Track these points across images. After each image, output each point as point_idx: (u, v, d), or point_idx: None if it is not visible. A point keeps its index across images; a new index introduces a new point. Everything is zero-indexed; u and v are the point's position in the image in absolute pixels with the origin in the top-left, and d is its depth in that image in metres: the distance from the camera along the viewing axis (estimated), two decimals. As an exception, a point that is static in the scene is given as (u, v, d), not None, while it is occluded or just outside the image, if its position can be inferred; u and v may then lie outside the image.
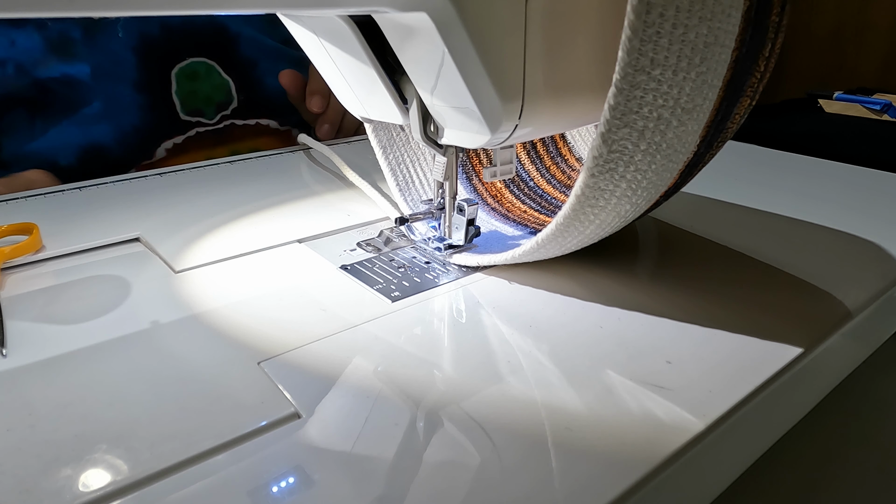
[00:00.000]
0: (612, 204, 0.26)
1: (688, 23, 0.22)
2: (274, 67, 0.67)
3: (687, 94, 0.24)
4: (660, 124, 0.24)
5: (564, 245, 0.30)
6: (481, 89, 0.26)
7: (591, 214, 0.27)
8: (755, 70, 0.26)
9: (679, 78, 0.23)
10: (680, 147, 0.26)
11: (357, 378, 0.25)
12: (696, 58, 0.23)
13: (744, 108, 0.28)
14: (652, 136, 0.24)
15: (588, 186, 0.25)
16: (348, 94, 0.34)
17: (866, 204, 0.45)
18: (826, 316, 0.29)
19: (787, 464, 0.32)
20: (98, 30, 0.58)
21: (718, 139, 0.28)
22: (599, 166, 0.25)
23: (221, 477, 0.20)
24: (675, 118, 0.24)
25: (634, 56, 0.22)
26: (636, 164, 0.25)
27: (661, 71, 0.22)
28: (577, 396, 0.23)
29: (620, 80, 0.22)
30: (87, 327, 0.28)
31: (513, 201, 0.42)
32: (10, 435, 0.22)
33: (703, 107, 0.25)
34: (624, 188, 0.26)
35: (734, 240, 0.38)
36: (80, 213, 0.42)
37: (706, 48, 0.23)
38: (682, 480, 0.21)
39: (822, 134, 0.75)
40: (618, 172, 0.25)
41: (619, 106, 0.23)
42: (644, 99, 0.23)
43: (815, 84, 1.01)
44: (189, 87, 0.63)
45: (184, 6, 0.22)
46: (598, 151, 0.24)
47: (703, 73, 0.23)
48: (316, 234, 0.39)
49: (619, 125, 0.24)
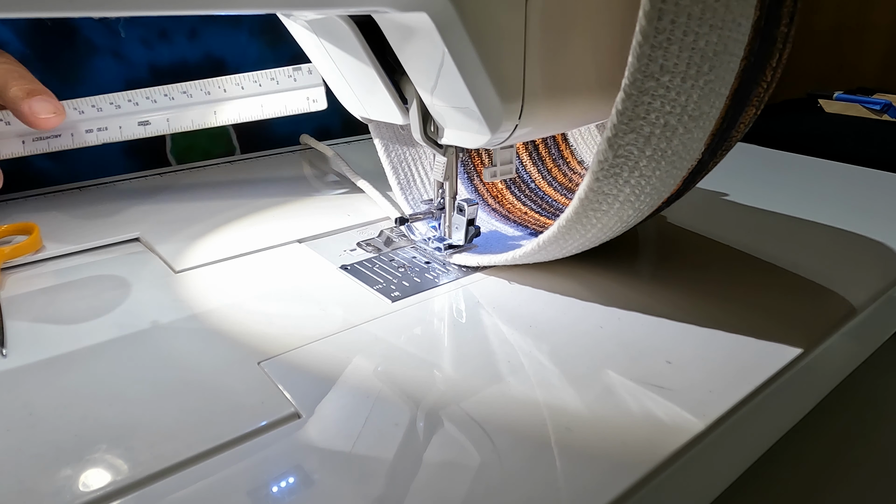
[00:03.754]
0: (615, 208, 0.26)
1: (698, 30, 0.22)
2: None
3: (694, 101, 0.24)
4: (666, 131, 0.24)
5: (566, 247, 0.30)
6: (481, 89, 0.26)
7: (593, 218, 0.27)
8: (762, 80, 0.26)
9: (688, 85, 0.23)
10: (685, 154, 0.26)
11: (357, 378, 0.25)
12: (706, 66, 0.23)
13: (749, 118, 0.28)
14: (658, 142, 0.24)
15: (592, 190, 0.25)
16: (348, 94, 0.34)
17: (866, 204, 0.45)
18: (826, 316, 0.29)
19: (787, 464, 0.32)
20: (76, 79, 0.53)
21: (722, 147, 0.28)
22: (604, 170, 0.25)
23: (221, 477, 0.20)
24: (681, 125, 0.24)
25: (644, 62, 0.22)
26: (640, 169, 0.25)
27: (669, 78, 0.22)
28: (577, 396, 0.23)
29: (630, 86, 0.22)
30: (87, 327, 0.28)
31: (513, 202, 0.42)
32: (10, 435, 0.22)
33: (710, 115, 0.25)
34: (627, 193, 0.26)
35: (735, 239, 0.38)
36: (80, 213, 0.42)
37: (715, 56, 0.23)
38: (682, 480, 0.21)
39: (822, 134, 0.75)
40: (622, 177, 0.25)
41: (626, 111, 0.23)
42: (652, 105, 0.23)
43: (815, 84, 1.01)
44: (184, 143, 0.58)
45: (184, 6, 0.22)
46: (603, 156, 0.24)
47: (711, 80, 0.23)
48: (316, 234, 0.39)
49: (626, 130, 0.24)
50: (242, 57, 0.63)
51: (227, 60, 0.62)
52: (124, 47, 0.56)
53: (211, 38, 0.60)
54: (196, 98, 0.40)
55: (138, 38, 0.56)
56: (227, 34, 0.61)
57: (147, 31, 0.57)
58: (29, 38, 0.51)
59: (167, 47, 0.58)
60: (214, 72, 0.61)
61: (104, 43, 0.55)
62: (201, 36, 0.60)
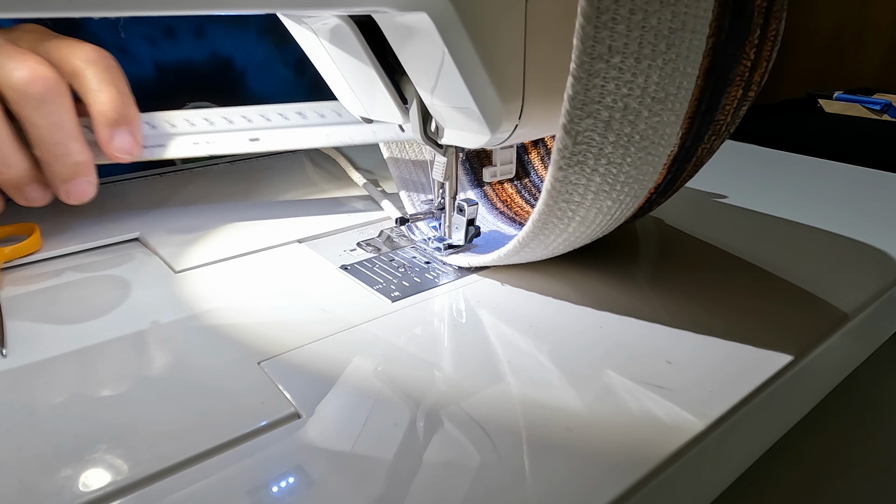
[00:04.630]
0: (590, 199, 0.26)
1: (647, 8, 0.21)
2: (290, 101, 0.61)
3: (655, 82, 0.23)
4: (627, 114, 0.23)
5: (551, 244, 0.29)
6: (481, 89, 0.26)
7: (568, 210, 0.26)
8: (742, 58, 0.25)
9: (643, 66, 0.22)
10: (657, 139, 0.25)
11: (357, 378, 0.25)
12: (661, 44, 0.22)
13: (736, 100, 0.27)
14: (620, 126, 0.23)
15: (558, 180, 0.25)
16: (348, 94, 0.34)
17: (866, 204, 0.45)
18: (826, 316, 0.29)
19: (787, 464, 0.32)
20: None
21: (709, 132, 0.27)
22: (566, 159, 0.24)
23: (221, 477, 0.20)
24: (644, 108, 0.23)
25: (589, 43, 0.21)
26: (607, 156, 0.24)
27: (620, 59, 0.22)
28: (577, 396, 0.23)
29: (577, 69, 0.22)
30: (87, 327, 0.28)
31: (522, 205, 0.41)
32: (10, 435, 0.22)
33: (679, 96, 0.24)
34: (599, 182, 0.25)
35: (735, 239, 0.38)
36: (80, 213, 0.42)
37: (672, 34, 0.22)
38: (682, 480, 0.21)
39: (822, 134, 0.75)
40: (588, 165, 0.24)
41: (578, 95, 0.22)
42: (606, 88, 0.22)
43: (815, 84, 1.01)
44: None
45: (184, 6, 0.22)
46: (562, 143, 0.23)
47: (671, 60, 0.22)
48: (316, 234, 0.39)
49: (581, 115, 0.23)
50: (249, 57, 0.62)
51: (234, 60, 0.61)
52: (129, 44, 0.56)
53: (217, 37, 0.60)
54: (310, 119, 0.39)
55: (143, 36, 0.56)
56: (234, 33, 0.61)
57: (152, 28, 0.57)
58: None
59: (173, 46, 0.58)
60: (220, 71, 0.61)
61: (109, 39, 0.55)
62: (208, 35, 0.60)
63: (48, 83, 0.33)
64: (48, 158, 0.35)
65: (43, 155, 0.35)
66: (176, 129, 0.37)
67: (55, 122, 0.34)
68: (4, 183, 0.35)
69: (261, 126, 0.39)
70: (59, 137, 0.34)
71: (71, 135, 0.35)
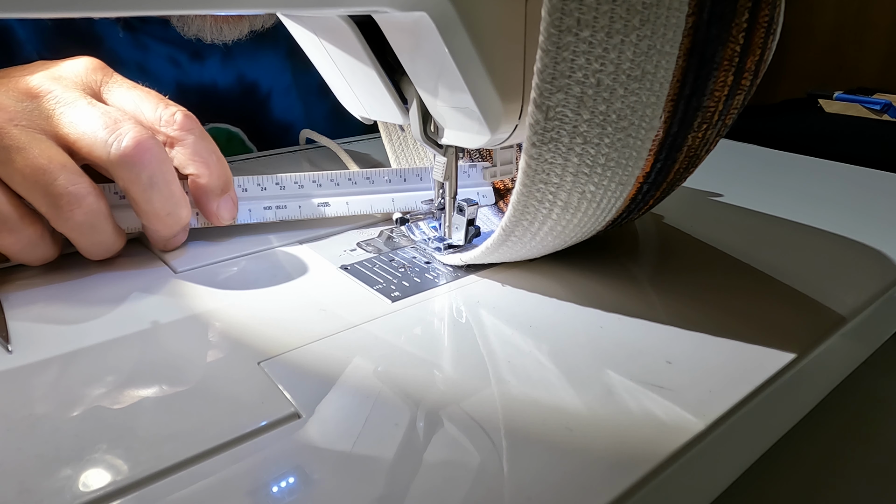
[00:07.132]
0: (570, 181, 0.25)
1: None
2: (310, 126, 0.56)
3: (630, 59, 0.22)
4: (601, 91, 0.23)
5: (537, 233, 0.29)
6: (481, 89, 0.26)
7: (548, 193, 0.26)
8: (729, 41, 0.25)
9: (616, 41, 0.22)
10: (637, 120, 0.24)
11: (357, 378, 0.25)
12: (635, 19, 0.22)
13: (727, 86, 0.26)
14: (594, 103, 0.23)
15: (532, 158, 0.24)
16: (348, 94, 0.34)
17: (866, 204, 0.45)
18: (826, 316, 0.29)
19: (787, 464, 0.32)
20: None
21: (697, 118, 0.26)
22: (539, 135, 0.24)
23: (221, 477, 0.20)
24: (619, 85, 0.23)
25: (557, 16, 0.21)
26: (583, 135, 0.24)
27: (590, 32, 0.21)
28: (577, 396, 0.23)
29: (545, 42, 0.21)
30: (87, 327, 0.28)
31: None
32: (10, 435, 0.22)
33: (658, 76, 0.23)
34: (577, 163, 0.25)
35: (735, 239, 0.38)
36: (80, 213, 0.42)
37: (646, 9, 0.22)
38: (683, 480, 0.21)
39: (822, 134, 0.75)
40: (563, 143, 0.24)
41: (547, 69, 0.22)
42: (576, 62, 0.22)
43: (815, 84, 1.01)
44: None
45: (183, 6, 0.22)
46: (533, 118, 0.23)
47: (646, 36, 0.22)
48: (316, 235, 0.39)
49: (551, 90, 0.22)
50: (275, 80, 0.60)
51: (259, 83, 0.59)
52: (151, 63, 0.54)
53: (244, 60, 0.58)
54: (377, 185, 0.39)
55: (167, 57, 0.54)
56: (260, 56, 0.58)
57: (176, 50, 0.55)
58: (52, 49, 0.50)
59: (197, 67, 0.56)
60: (246, 96, 0.59)
61: (130, 57, 0.53)
62: (234, 57, 0.57)
63: (154, 154, 0.30)
64: (157, 226, 0.33)
65: (151, 224, 0.33)
66: (247, 194, 0.37)
67: (167, 194, 0.32)
68: (89, 250, 0.33)
69: (329, 192, 0.39)
70: (170, 208, 0.32)
71: (180, 202, 0.33)
